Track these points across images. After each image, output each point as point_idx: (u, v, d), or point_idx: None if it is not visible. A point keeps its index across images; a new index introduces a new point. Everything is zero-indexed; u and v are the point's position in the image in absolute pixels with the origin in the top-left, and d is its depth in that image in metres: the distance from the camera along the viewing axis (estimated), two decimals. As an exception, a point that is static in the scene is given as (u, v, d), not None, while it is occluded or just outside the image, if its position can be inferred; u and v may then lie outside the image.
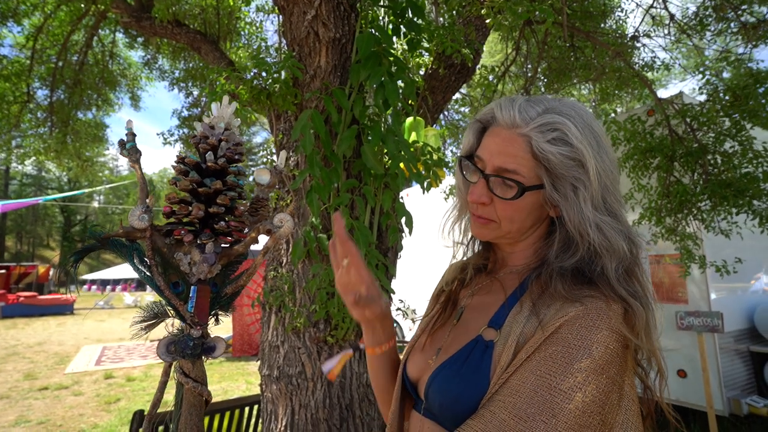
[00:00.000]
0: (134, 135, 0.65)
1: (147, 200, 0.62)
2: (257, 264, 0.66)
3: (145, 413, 0.74)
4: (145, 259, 0.62)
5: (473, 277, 0.78)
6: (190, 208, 0.61)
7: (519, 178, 0.63)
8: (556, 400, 0.50)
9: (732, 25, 3.02)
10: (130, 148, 0.63)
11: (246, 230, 0.68)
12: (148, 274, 0.61)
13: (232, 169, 0.65)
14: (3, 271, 17.63)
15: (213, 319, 0.66)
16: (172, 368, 0.62)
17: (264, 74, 1.88)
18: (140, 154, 0.63)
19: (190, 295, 0.62)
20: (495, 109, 0.68)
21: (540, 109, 0.64)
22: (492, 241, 0.74)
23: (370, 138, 1.77)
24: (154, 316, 0.64)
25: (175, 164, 0.63)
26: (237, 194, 0.65)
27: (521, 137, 0.64)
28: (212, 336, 0.62)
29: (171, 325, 0.62)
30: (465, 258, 0.82)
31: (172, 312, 0.62)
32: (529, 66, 4.09)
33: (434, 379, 0.64)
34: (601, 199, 0.62)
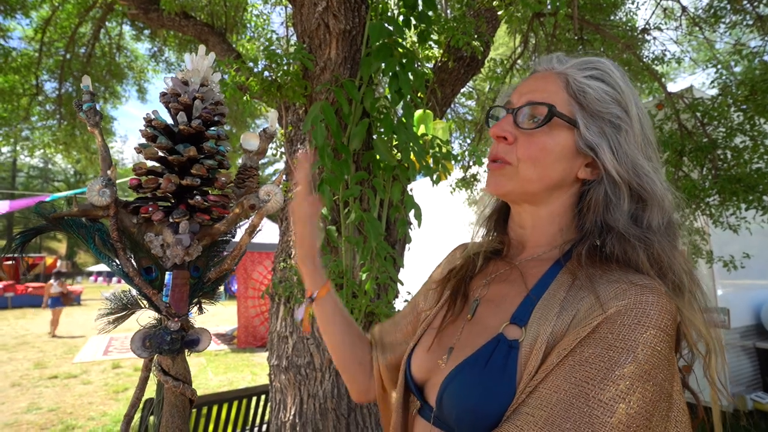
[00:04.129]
0: (92, 94, 0.53)
1: (109, 172, 0.52)
2: (243, 245, 0.56)
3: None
4: (110, 241, 0.52)
5: (486, 264, 0.69)
6: (160, 180, 0.52)
7: (549, 103, 0.56)
8: (595, 413, 0.42)
9: (747, 17, 2.98)
10: (87, 109, 0.53)
11: (230, 205, 0.56)
12: (114, 259, 0.52)
13: (210, 133, 0.54)
14: (11, 262, 17.85)
15: (196, 309, 0.58)
16: (153, 362, 0.53)
17: (274, 66, 1.88)
18: (100, 117, 0.53)
19: (165, 282, 0.53)
20: (532, 66, 0.65)
21: (578, 58, 0.61)
22: (511, 201, 0.63)
23: (381, 130, 1.77)
24: (123, 308, 0.55)
25: (142, 128, 0.53)
26: (217, 163, 0.54)
27: (556, 75, 0.59)
28: (195, 327, 0.54)
29: (148, 317, 0.54)
30: (477, 242, 0.72)
31: (144, 303, 0.54)
32: (537, 59, 4.06)
33: (449, 385, 0.55)
34: (643, 145, 0.56)
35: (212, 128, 0.55)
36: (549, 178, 0.58)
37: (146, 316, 0.55)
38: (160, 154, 0.53)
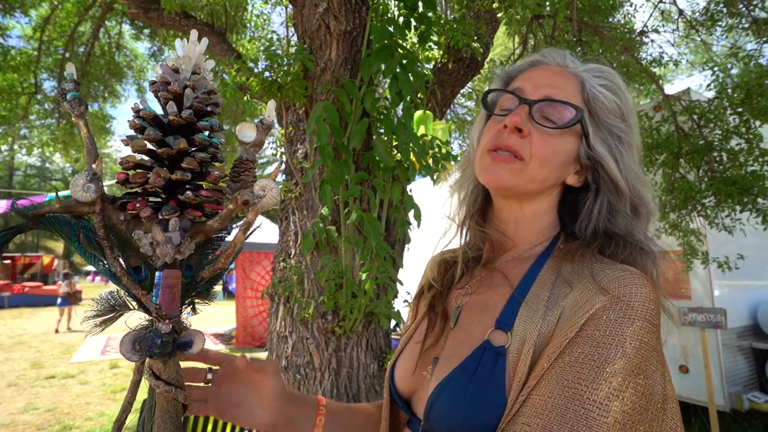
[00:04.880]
0: (77, 83, 0.49)
1: (94, 165, 0.48)
2: (237, 242, 0.52)
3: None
4: (96, 239, 0.48)
5: (465, 273, 0.67)
6: (149, 174, 0.48)
7: (578, 106, 0.56)
8: (591, 414, 0.42)
9: (743, 20, 3.00)
10: (72, 99, 0.48)
11: (225, 201, 0.53)
12: (101, 259, 0.49)
13: (202, 124, 0.50)
14: (8, 261, 17.79)
15: (189, 309, 0.54)
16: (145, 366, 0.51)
17: (275, 66, 1.89)
18: (86, 107, 0.49)
19: (155, 282, 0.50)
20: (536, 57, 0.62)
21: (588, 63, 0.61)
22: (502, 194, 0.61)
23: (381, 130, 1.79)
24: (111, 310, 0.51)
25: (129, 119, 0.50)
26: (210, 156, 0.51)
27: (573, 75, 0.59)
28: (189, 329, 0.51)
29: (139, 319, 0.52)
30: (451, 249, 0.70)
31: (133, 304, 0.50)
32: (546, 50, 4.08)
33: (437, 398, 0.53)
34: (637, 157, 0.59)
35: (205, 119, 0.52)
36: (549, 180, 0.58)
37: (138, 318, 0.52)
38: (149, 146, 0.50)
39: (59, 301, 10.03)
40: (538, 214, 0.61)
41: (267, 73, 1.90)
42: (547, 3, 1.88)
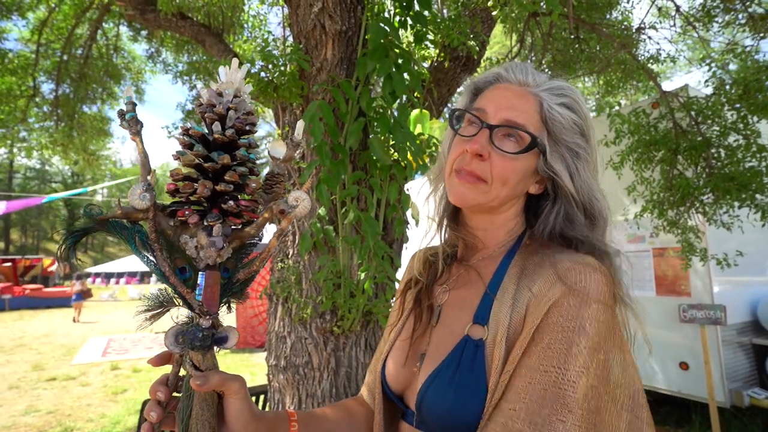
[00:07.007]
0: (134, 104, 0.57)
1: (148, 177, 0.56)
2: (271, 247, 0.59)
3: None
4: (148, 242, 0.55)
5: (445, 269, 0.73)
6: (196, 185, 0.55)
7: (533, 133, 0.61)
8: (567, 393, 0.48)
9: (740, 16, 3.00)
10: (130, 118, 0.55)
11: (259, 210, 0.60)
12: (151, 259, 0.56)
13: (242, 142, 0.57)
14: (9, 264, 17.80)
15: (225, 308, 0.61)
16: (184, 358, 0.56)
17: (271, 67, 1.89)
18: (142, 126, 0.56)
19: (198, 282, 0.57)
20: (500, 71, 0.66)
21: (547, 77, 0.65)
22: (471, 210, 0.68)
23: (378, 130, 1.78)
24: (160, 306, 0.57)
25: (178, 136, 0.58)
26: (248, 170, 0.57)
27: (532, 96, 0.62)
28: (224, 326, 0.57)
29: (177, 315, 0.58)
30: (432, 245, 0.75)
31: (179, 301, 0.56)
32: (534, 58, 4.08)
33: (426, 391, 0.58)
34: (594, 171, 0.64)
35: (244, 137, 0.59)
36: (512, 195, 0.64)
37: (176, 315, 0.59)
38: (196, 161, 0.57)
39: (74, 297, 12.08)
40: (505, 221, 0.67)
41: (263, 74, 1.90)
42: (542, 1, 1.88)
